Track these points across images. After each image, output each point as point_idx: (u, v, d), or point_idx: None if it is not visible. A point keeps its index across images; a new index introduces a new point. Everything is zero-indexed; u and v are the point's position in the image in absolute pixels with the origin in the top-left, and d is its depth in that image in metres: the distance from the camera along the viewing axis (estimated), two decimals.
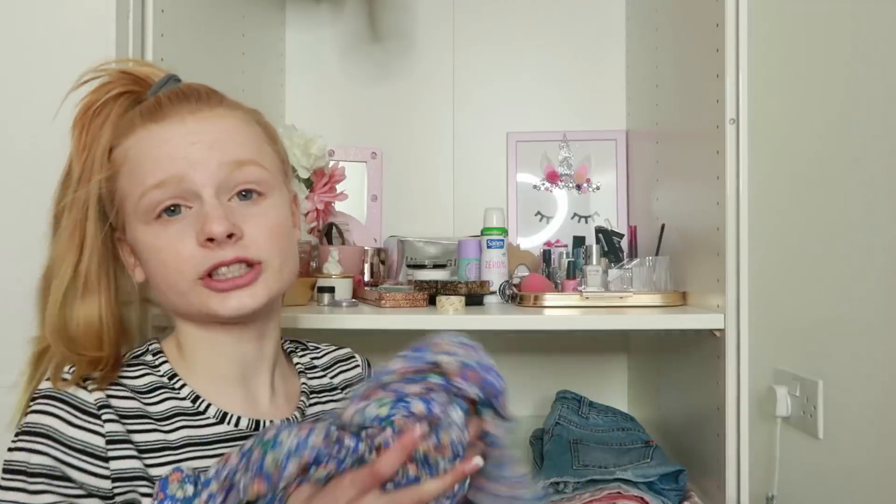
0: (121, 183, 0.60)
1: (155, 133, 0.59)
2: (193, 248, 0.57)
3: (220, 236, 0.57)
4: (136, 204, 0.58)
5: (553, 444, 1.06)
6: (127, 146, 0.60)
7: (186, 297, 0.59)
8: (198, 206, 0.58)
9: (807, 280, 0.78)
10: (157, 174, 0.57)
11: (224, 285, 0.58)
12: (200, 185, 0.58)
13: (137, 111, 0.61)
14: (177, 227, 0.58)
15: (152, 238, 0.59)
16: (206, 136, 0.59)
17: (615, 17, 1.48)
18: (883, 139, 0.66)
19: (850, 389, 0.71)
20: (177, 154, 0.58)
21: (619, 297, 1.02)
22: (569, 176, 1.47)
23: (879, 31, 0.67)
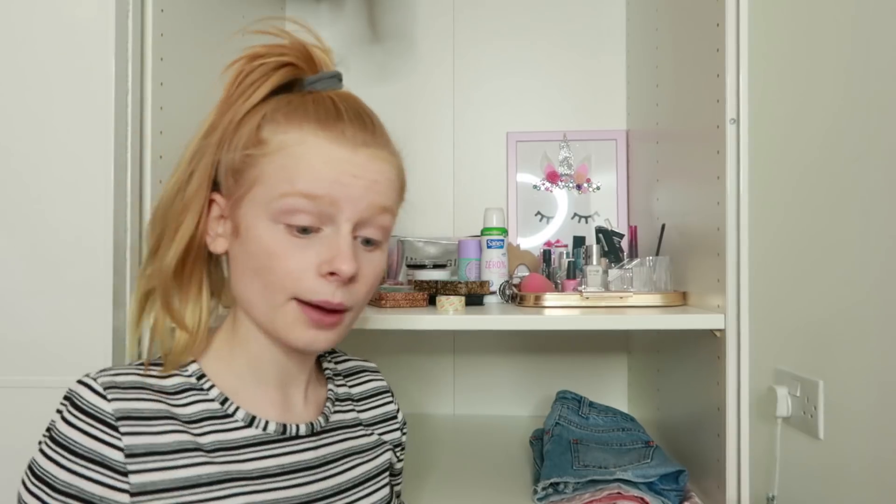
0: (264, 167, 0.57)
1: (324, 145, 0.57)
2: (308, 272, 0.57)
3: (346, 276, 0.56)
4: (274, 199, 0.56)
5: (553, 444, 1.06)
6: (289, 138, 0.57)
7: (273, 310, 0.58)
8: (330, 232, 0.57)
9: (807, 280, 0.78)
10: (312, 185, 0.56)
11: (316, 318, 0.58)
12: (345, 217, 0.57)
13: (312, 107, 0.59)
14: (301, 243, 0.57)
15: (272, 240, 0.57)
16: (369, 175, 0.58)
17: (615, 17, 1.48)
18: (883, 139, 0.66)
19: (850, 389, 0.71)
20: (339, 179, 0.56)
21: (619, 297, 1.02)
22: (569, 176, 1.47)
23: (879, 31, 0.67)
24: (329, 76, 0.63)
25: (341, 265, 0.56)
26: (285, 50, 0.61)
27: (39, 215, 0.85)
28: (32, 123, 0.85)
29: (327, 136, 0.57)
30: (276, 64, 0.60)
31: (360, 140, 0.58)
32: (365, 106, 0.63)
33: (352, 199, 0.57)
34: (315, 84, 0.62)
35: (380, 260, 0.62)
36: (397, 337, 1.48)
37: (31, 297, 0.85)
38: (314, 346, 0.59)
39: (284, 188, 0.56)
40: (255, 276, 0.58)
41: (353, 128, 0.58)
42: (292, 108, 0.59)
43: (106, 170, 0.85)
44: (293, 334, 0.58)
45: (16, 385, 0.85)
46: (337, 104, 0.60)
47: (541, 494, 0.94)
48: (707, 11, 0.95)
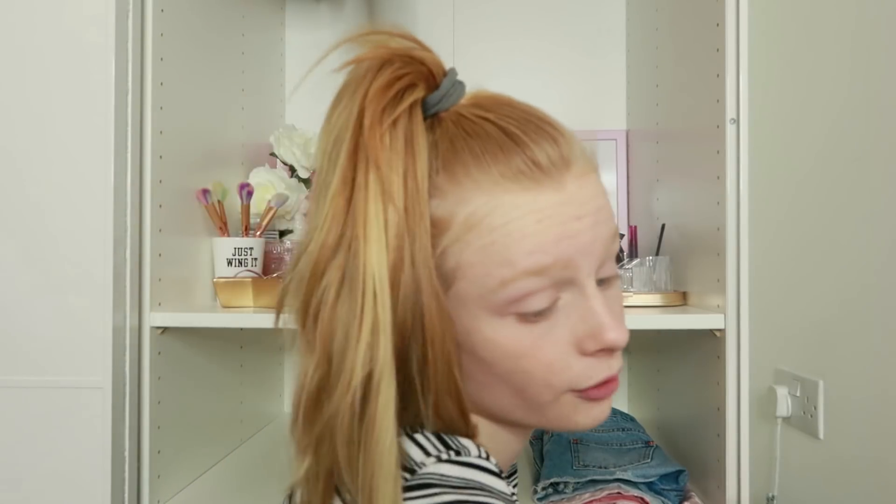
0: (458, 254, 0.42)
1: (524, 200, 0.42)
2: (570, 356, 0.44)
3: (622, 345, 0.44)
4: (493, 291, 0.42)
5: (553, 444, 1.06)
6: (475, 206, 0.42)
7: (543, 409, 0.46)
8: (570, 297, 0.44)
9: (807, 280, 0.78)
10: (535, 257, 0.41)
11: (601, 394, 0.46)
12: (586, 274, 0.43)
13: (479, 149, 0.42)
14: (544, 326, 0.44)
15: (509, 338, 0.43)
16: (590, 207, 0.43)
17: (615, 17, 1.48)
18: (883, 139, 0.66)
19: (850, 389, 0.71)
20: (563, 232, 0.42)
21: None
22: None
23: (880, 31, 0.67)
24: (451, 85, 0.45)
25: (612, 336, 0.43)
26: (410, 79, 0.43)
27: (39, 215, 0.85)
28: (32, 123, 0.85)
29: (520, 182, 0.42)
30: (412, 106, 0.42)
31: (557, 162, 0.43)
32: (519, 102, 0.48)
33: (585, 249, 0.43)
34: (441, 104, 0.45)
35: (619, 291, 0.49)
36: None
37: (31, 297, 0.85)
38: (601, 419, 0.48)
39: (503, 274, 0.42)
40: (503, 385, 0.45)
41: (541, 148, 0.43)
42: (449, 158, 0.43)
43: (106, 170, 0.85)
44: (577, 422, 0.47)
45: (16, 385, 0.85)
46: (499, 124, 0.44)
47: (541, 494, 0.94)
48: (707, 11, 0.95)
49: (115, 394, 0.85)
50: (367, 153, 0.40)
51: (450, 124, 0.44)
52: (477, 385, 0.46)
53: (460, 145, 0.43)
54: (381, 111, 0.41)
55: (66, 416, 0.85)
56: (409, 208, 0.40)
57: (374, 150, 0.40)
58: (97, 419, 0.84)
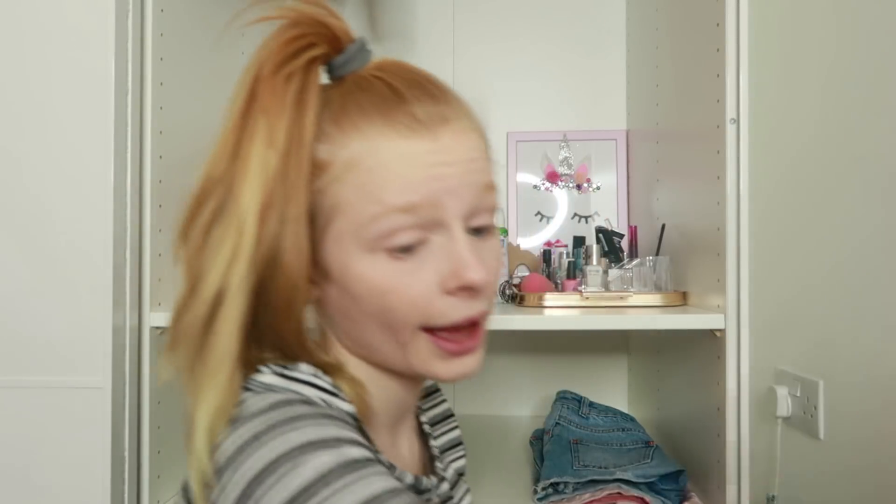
0: (338, 193, 0.46)
1: (399, 144, 0.46)
2: (432, 294, 0.47)
3: (481, 286, 0.47)
4: (365, 226, 0.46)
5: (553, 444, 1.06)
6: (355, 150, 0.46)
7: (404, 348, 0.48)
8: (440, 239, 0.47)
9: (808, 280, 0.78)
10: (404, 195, 0.45)
11: (455, 348, 0.49)
12: (452, 216, 0.47)
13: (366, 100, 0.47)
14: (411, 264, 0.46)
15: (378, 274, 0.46)
16: (461, 155, 0.47)
17: (615, 17, 1.48)
18: (883, 139, 0.66)
19: (850, 390, 0.71)
20: (430, 174, 0.46)
21: (619, 297, 1.02)
22: (569, 176, 1.47)
23: (879, 31, 0.67)
24: (357, 50, 0.50)
25: (471, 275, 0.46)
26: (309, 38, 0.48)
27: (40, 215, 0.85)
28: (33, 123, 0.85)
29: (398, 130, 0.46)
30: (308, 63, 0.47)
31: (435, 117, 0.47)
32: (418, 70, 0.52)
33: (452, 191, 0.47)
34: (345, 67, 0.49)
35: (496, 244, 0.52)
36: None
37: (31, 297, 0.85)
38: (469, 376, 0.50)
39: (373, 210, 0.45)
40: (373, 319, 0.48)
41: (422, 105, 0.47)
42: (339, 109, 0.47)
43: (106, 169, 0.85)
44: (438, 370, 0.49)
45: (16, 385, 0.85)
46: (388, 82, 0.48)
47: (541, 494, 0.94)
48: (707, 11, 0.95)
49: (115, 394, 0.85)
50: (259, 101, 0.45)
51: (348, 82, 0.49)
52: (351, 323, 0.50)
53: (350, 98, 0.47)
54: (277, 64, 0.46)
55: (66, 415, 0.85)
56: (289, 153, 0.45)
57: (265, 98, 0.45)
58: (97, 419, 0.84)
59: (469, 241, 0.48)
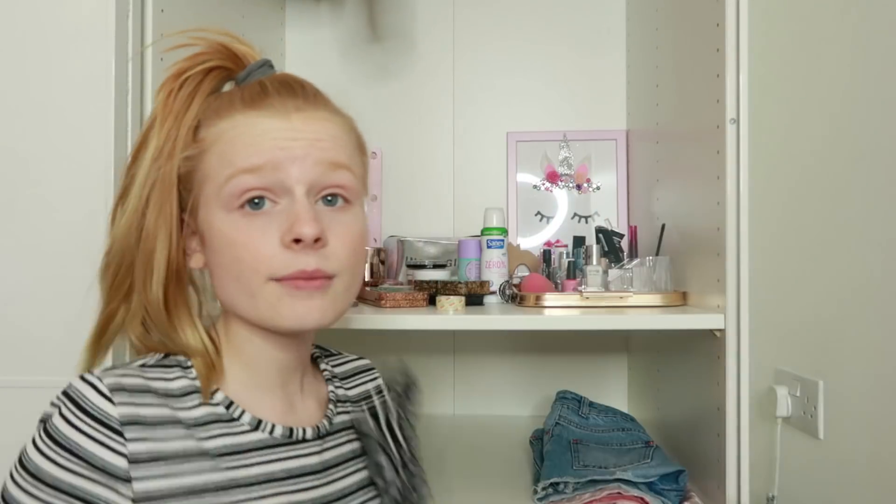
0: (206, 163, 0.57)
1: (256, 121, 0.56)
2: (275, 248, 0.55)
3: (309, 239, 0.54)
4: (221, 187, 0.55)
5: (553, 444, 1.06)
6: (222, 127, 0.57)
7: (255, 297, 0.56)
8: (286, 203, 0.56)
9: (807, 280, 0.78)
10: (251, 158, 0.55)
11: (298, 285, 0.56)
12: (294, 181, 0.55)
13: (238, 94, 0.59)
14: (260, 221, 0.55)
15: (231, 229, 0.56)
16: (308, 135, 0.57)
17: (615, 17, 1.48)
18: (883, 139, 0.66)
19: (850, 389, 0.71)
20: (276, 144, 0.55)
21: (619, 297, 1.02)
22: (569, 176, 1.47)
23: (879, 31, 0.67)
24: (258, 66, 0.62)
25: (302, 228, 0.54)
26: (207, 56, 0.60)
27: (40, 214, 0.85)
28: (33, 123, 0.85)
29: (257, 112, 0.56)
30: (202, 72, 0.60)
31: (291, 107, 0.57)
32: (299, 78, 0.62)
33: (296, 160, 0.56)
34: (247, 79, 0.61)
35: (353, 220, 0.59)
36: (397, 337, 1.48)
37: (31, 296, 0.85)
38: (308, 320, 0.56)
39: (227, 171, 0.55)
40: (228, 272, 0.57)
41: (282, 97, 0.58)
42: (220, 102, 0.59)
43: (106, 169, 0.85)
44: (281, 313, 0.56)
45: (16, 385, 0.85)
46: (263, 83, 0.59)
47: (541, 494, 0.94)
48: (707, 11, 0.95)
49: None
50: (157, 104, 0.59)
51: (240, 87, 0.61)
52: (217, 280, 0.59)
53: (231, 95, 0.60)
54: (175, 77, 0.59)
55: None
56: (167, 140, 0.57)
57: (160, 102, 0.59)
58: None
59: (311, 208, 0.56)
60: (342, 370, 0.75)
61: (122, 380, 0.55)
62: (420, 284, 1.08)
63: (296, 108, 0.57)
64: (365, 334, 0.91)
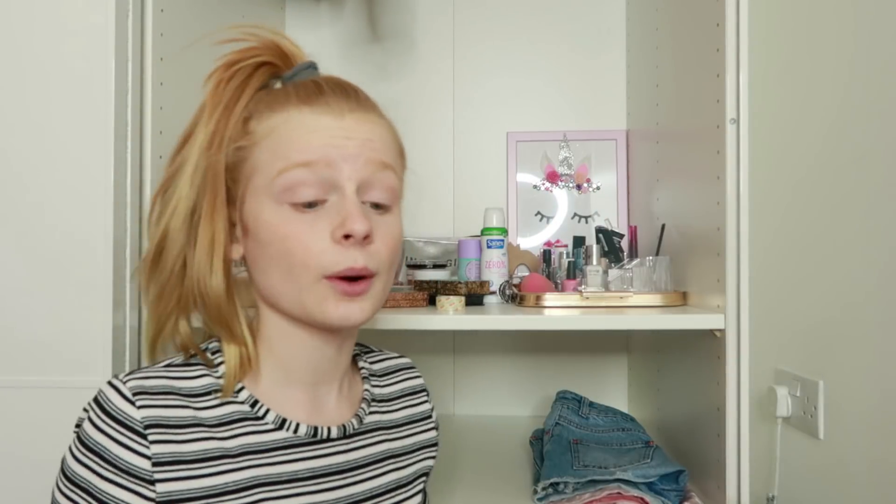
0: (257, 155, 0.57)
1: (310, 117, 0.57)
2: (325, 243, 0.56)
3: (360, 235, 0.55)
4: (273, 179, 0.56)
5: (553, 444, 1.06)
6: (276, 121, 0.58)
7: (302, 292, 0.57)
8: (336, 199, 0.57)
9: (807, 280, 0.78)
10: (305, 153, 0.56)
11: (345, 289, 0.57)
12: (346, 178, 0.57)
13: (293, 90, 0.59)
14: (310, 216, 0.56)
15: (282, 221, 0.56)
16: (361, 135, 0.58)
17: (615, 17, 1.48)
18: (883, 139, 0.66)
19: (850, 390, 0.71)
20: (330, 142, 0.57)
21: (619, 297, 1.02)
22: (569, 176, 1.47)
23: (879, 31, 0.67)
24: (305, 67, 0.63)
25: (353, 225, 0.55)
26: (258, 51, 0.61)
27: (39, 215, 0.85)
28: (32, 123, 0.85)
29: (312, 109, 0.57)
30: (253, 66, 0.60)
31: (345, 107, 0.58)
32: (348, 82, 0.63)
33: (348, 158, 0.57)
34: (293, 77, 0.62)
35: (394, 223, 0.61)
36: (397, 337, 1.48)
37: (31, 296, 0.85)
38: (350, 320, 0.57)
39: (280, 165, 0.56)
40: (276, 265, 0.57)
41: (337, 98, 0.59)
42: (273, 96, 0.59)
43: (106, 169, 0.85)
44: (326, 311, 0.56)
45: (16, 385, 0.85)
46: (317, 82, 0.60)
47: (541, 494, 0.94)
48: (707, 11, 0.95)
49: None
50: (208, 94, 0.59)
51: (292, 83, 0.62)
52: (260, 271, 0.59)
53: (284, 90, 0.60)
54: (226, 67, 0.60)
55: (67, 415, 0.84)
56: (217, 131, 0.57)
57: (210, 91, 0.59)
58: None
59: (361, 206, 0.57)
60: (380, 367, 0.75)
61: (144, 382, 0.56)
62: (420, 284, 1.08)
63: (349, 108, 0.59)
64: (365, 334, 0.90)
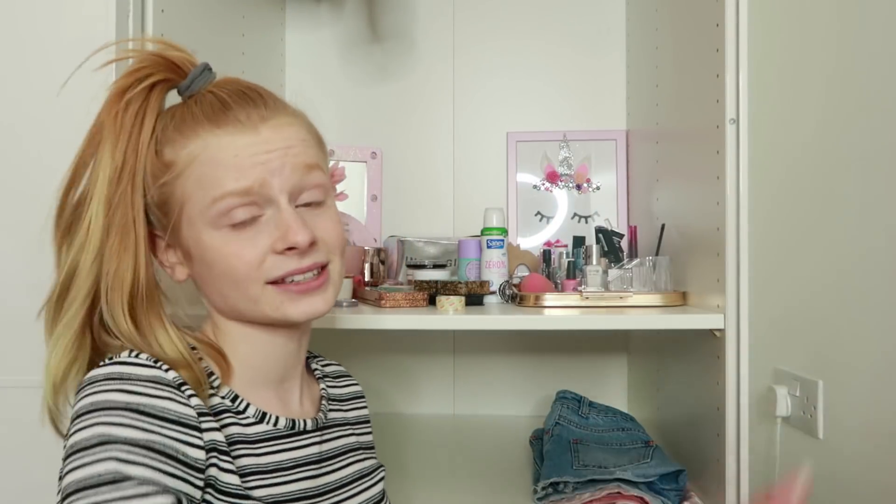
0: (183, 184, 0.58)
1: (227, 139, 0.57)
2: (266, 255, 0.58)
3: (304, 245, 0.57)
4: (207, 208, 0.57)
5: (553, 444, 1.06)
6: (192, 149, 0.58)
7: (257, 302, 0.59)
8: (271, 212, 0.58)
9: (806, 280, 0.78)
10: (236, 181, 0.56)
11: (299, 289, 0.59)
12: (278, 191, 0.58)
13: (198, 110, 0.59)
14: (249, 233, 0.58)
15: (223, 243, 0.58)
16: (280, 143, 0.59)
17: (615, 17, 1.48)
18: (883, 139, 0.66)
19: (850, 389, 0.71)
20: (254, 160, 0.57)
21: (619, 297, 1.02)
22: (569, 176, 1.47)
23: (879, 31, 0.67)
24: (198, 73, 0.61)
25: (295, 237, 0.57)
26: (147, 70, 0.59)
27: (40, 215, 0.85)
28: (33, 123, 0.85)
29: (225, 131, 0.57)
30: (146, 88, 0.59)
31: (255, 118, 0.58)
32: (246, 83, 0.63)
33: (274, 171, 0.58)
34: (190, 88, 0.61)
35: (331, 215, 0.62)
36: (397, 337, 1.48)
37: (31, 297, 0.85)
38: (317, 313, 0.60)
39: (213, 194, 0.56)
40: (223, 280, 0.59)
41: (245, 109, 0.59)
42: (179, 120, 0.59)
43: None
44: (288, 312, 0.59)
45: (17, 385, 0.85)
46: (220, 96, 0.60)
47: (541, 494, 0.94)
48: (707, 11, 0.95)
49: None
50: (104, 124, 0.58)
51: (192, 99, 0.61)
52: (212, 288, 0.61)
53: (188, 110, 0.59)
54: (118, 95, 0.58)
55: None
56: (126, 162, 0.57)
57: (107, 123, 0.57)
58: None
59: (295, 212, 0.58)
60: (330, 370, 0.79)
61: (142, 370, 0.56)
62: (420, 284, 1.08)
63: (260, 118, 0.59)
64: (365, 334, 0.91)
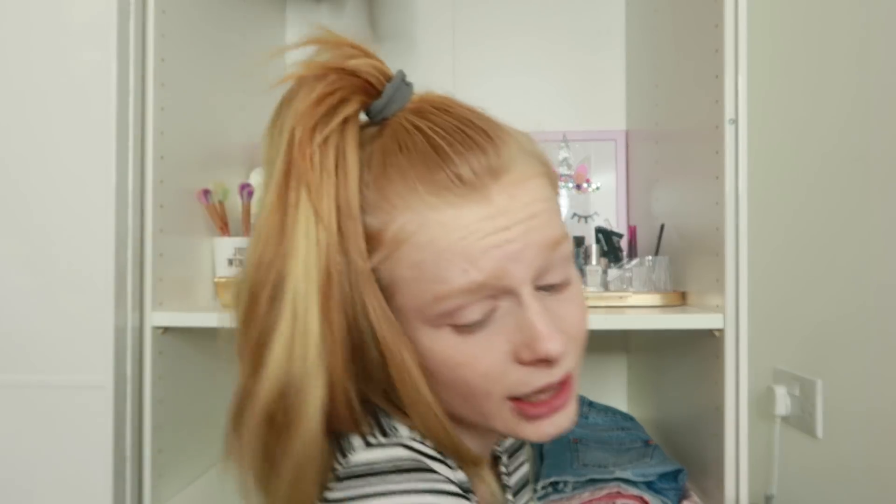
0: (391, 270, 0.43)
1: (449, 216, 0.42)
2: (507, 364, 0.44)
3: (557, 356, 0.43)
4: (427, 305, 0.43)
5: (553, 444, 1.06)
6: (404, 225, 0.42)
7: (487, 415, 0.46)
8: (508, 304, 0.44)
9: (806, 280, 0.79)
10: (465, 273, 0.42)
11: (541, 411, 0.46)
12: (518, 282, 0.43)
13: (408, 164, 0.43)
14: (482, 334, 0.44)
15: (447, 348, 0.44)
16: (520, 214, 0.43)
17: (615, 17, 1.48)
18: (883, 139, 0.66)
19: (849, 389, 0.72)
20: (488, 244, 0.42)
21: (618, 297, 1.02)
22: (568, 176, 1.47)
23: (879, 31, 0.67)
24: (395, 88, 0.46)
25: (546, 346, 0.42)
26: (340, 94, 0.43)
27: (42, 215, 0.86)
28: (34, 124, 0.86)
29: (445, 199, 0.42)
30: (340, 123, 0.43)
31: (484, 173, 0.42)
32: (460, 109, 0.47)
33: (517, 258, 0.42)
34: (387, 109, 0.46)
35: (575, 298, 0.47)
36: None
37: (33, 296, 0.86)
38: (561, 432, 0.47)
39: (435, 290, 0.42)
40: (449, 391, 0.46)
41: (467, 160, 0.42)
42: (379, 174, 0.43)
43: (108, 170, 0.85)
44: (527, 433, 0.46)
45: (17, 385, 0.85)
46: (427, 134, 0.43)
47: (540, 493, 0.95)
48: (706, 12, 0.95)
49: (117, 393, 0.86)
50: (298, 174, 0.41)
51: (386, 136, 0.45)
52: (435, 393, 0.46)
53: (390, 161, 0.43)
54: (311, 130, 0.42)
55: (68, 415, 0.85)
56: (341, 227, 0.42)
57: (304, 170, 0.41)
58: (99, 419, 0.85)
59: (541, 305, 0.44)
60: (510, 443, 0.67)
61: None
62: None
63: (491, 174, 0.43)
64: None
